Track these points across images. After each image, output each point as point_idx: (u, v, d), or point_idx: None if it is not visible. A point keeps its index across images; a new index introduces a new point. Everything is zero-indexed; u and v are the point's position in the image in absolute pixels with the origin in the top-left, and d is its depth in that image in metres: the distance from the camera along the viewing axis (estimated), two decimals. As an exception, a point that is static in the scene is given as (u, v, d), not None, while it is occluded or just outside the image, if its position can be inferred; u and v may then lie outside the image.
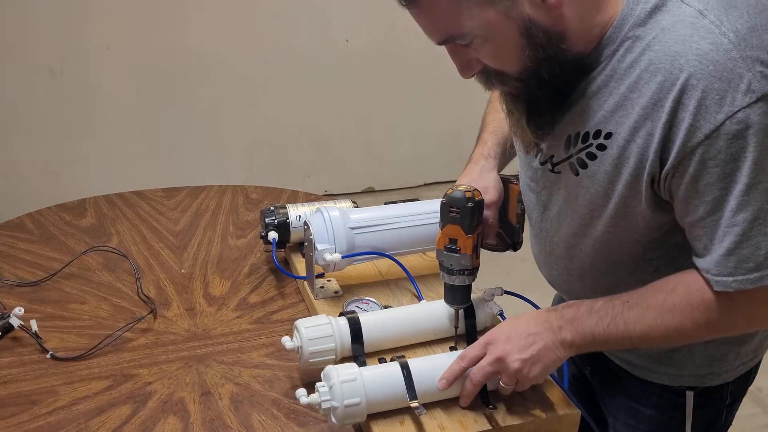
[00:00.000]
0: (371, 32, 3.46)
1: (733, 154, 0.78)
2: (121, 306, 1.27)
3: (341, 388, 0.92)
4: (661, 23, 0.81)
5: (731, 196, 0.80)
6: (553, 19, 0.81)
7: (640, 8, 0.82)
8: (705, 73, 0.76)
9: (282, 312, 1.26)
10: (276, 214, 1.33)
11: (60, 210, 1.61)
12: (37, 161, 3.23)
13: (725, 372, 1.03)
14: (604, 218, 0.92)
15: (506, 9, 0.80)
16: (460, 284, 1.04)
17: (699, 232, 0.85)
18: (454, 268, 1.02)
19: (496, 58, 0.86)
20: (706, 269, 0.85)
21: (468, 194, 1.00)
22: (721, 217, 0.81)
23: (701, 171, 0.80)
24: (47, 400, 1.03)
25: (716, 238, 0.83)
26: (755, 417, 2.28)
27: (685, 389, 1.04)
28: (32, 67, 3.10)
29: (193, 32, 3.24)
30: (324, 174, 3.67)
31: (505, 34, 0.82)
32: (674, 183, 0.83)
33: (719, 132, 0.77)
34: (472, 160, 1.17)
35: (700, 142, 0.78)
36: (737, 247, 0.81)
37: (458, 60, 0.89)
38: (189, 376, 1.09)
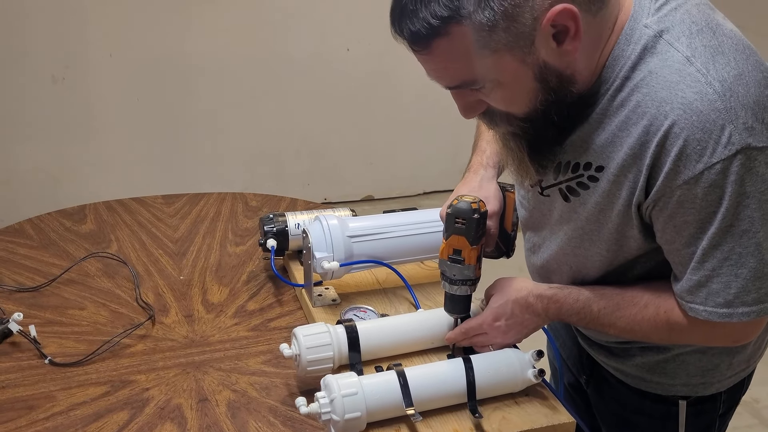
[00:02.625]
0: (372, 41, 3.47)
1: (710, 200, 0.81)
2: (120, 312, 1.27)
3: (342, 402, 0.92)
4: (649, 65, 0.82)
5: (705, 235, 0.83)
6: (566, 63, 0.82)
7: (631, 49, 0.84)
8: (688, 123, 0.79)
9: (280, 319, 1.26)
10: (275, 222, 1.34)
11: (60, 216, 1.61)
12: (38, 167, 3.24)
13: (718, 382, 1.04)
14: (597, 242, 0.95)
15: (523, 55, 0.79)
16: (461, 294, 1.05)
17: (675, 258, 0.89)
18: (457, 278, 1.03)
19: (506, 102, 0.86)
20: (680, 294, 0.89)
21: (474, 205, 1.01)
22: (695, 252, 0.85)
23: (678, 210, 0.83)
24: (45, 406, 1.04)
25: (689, 269, 0.87)
26: (752, 428, 2.28)
27: (678, 399, 1.05)
28: (34, 74, 3.11)
29: (194, 40, 3.25)
30: (323, 182, 3.68)
31: (519, 80, 0.82)
32: (654, 214, 0.87)
33: (698, 180, 0.80)
34: (470, 169, 1.18)
35: (679, 186, 0.82)
36: (708, 281, 0.85)
37: (462, 102, 0.89)
38: (186, 382, 1.10)
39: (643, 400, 1.08)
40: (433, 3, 0.77)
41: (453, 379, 1.00)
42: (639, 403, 1.08)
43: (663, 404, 1.06)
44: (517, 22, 0.76)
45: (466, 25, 0.77)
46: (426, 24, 0.77)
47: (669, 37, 0.82)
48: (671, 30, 0.82)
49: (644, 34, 0.83)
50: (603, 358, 1.11)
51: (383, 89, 3.60)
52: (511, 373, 1.01)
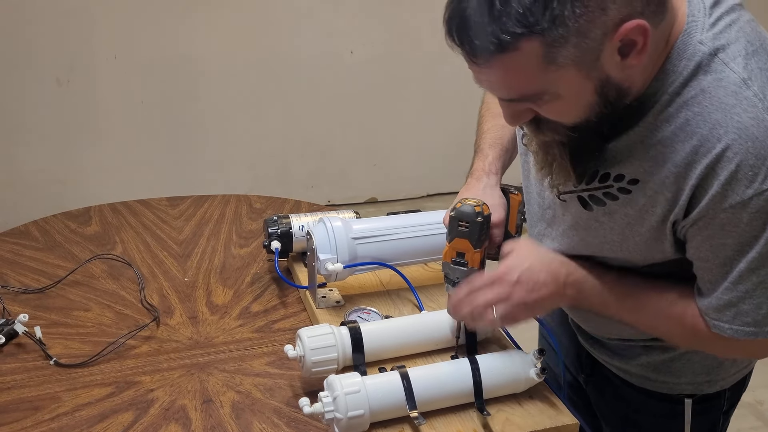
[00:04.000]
0: (376, 44, 3.48)
1: (755, 225, 0.80)
2: (125, 314, 1.28)
3: (345, 399, 0.93)
4: (702, 83, 0.80)
5: (743, 259, 0.83)
6: (627, 76, 0.80)
7: (683, 64, 0.81)
8: (742, 148, 0.78)
9: (284, 321, 1.27)
10: (279, 223, 1.34)
11: (65, 218, 1.62)
12: (43, 170, 3.25)
13: (722, 379, 1.05)
14: (618, 251, 0.94)
15: (588, 70, 0.77)
16: None
17: (705, 275, 0.88)
18: (461, 281, 1.03)
19: (561, 114, 0.83)
20: (705, 311, 0.89)
21: (477, 209, 1.01)
22: (730, 272, 0.84)
23: (719, 231, 0.83)
24: (50, 406, 1.04)
25: (720, 288, 0.86)
26: (757, 430, 2.28)
27: (683, 397, 1.05)
28: (39, 77, 3.12)
29: (199, 43, 3.26)
30: (327, 184, 3.68)
31: (580, 93, 0.79)
32: (691, 232, 0.86)
33: (746, 205, 0.79)
34: (473, 174, 1.17)
35: (725, 209, 0.81)
36: (739, 302, 0.85)
37: (510, 110, 0.86)
38: (191, 383, 1.10)
39: (647, 399, 1.08)
40: (504, 17, 0.72)
41: (456, 379, 1.00)
42: (643, 403, 1.09)
43: (668, 403, 1.06)
44: (588, 38, 0.73)
45: (536, 41, 0.73)
46: (494, 39, 0.73)
47: (724, 56, 0.80)
48: (727, 49, 0.80)
49: (698, 51, 0.81)
50: (606, 357, 1.11)
51: (387, 92, 3.60)
52: (513, 373, 1.01)
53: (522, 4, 0.71)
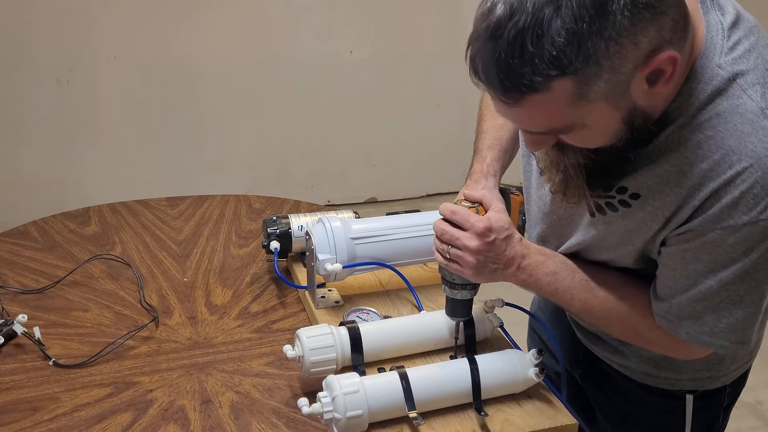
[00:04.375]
0: (375, 44, 3.48)
1: (736, 250, 0.81)
2: (124, 314, 1.28)
3: (344, 400, 0.93)
4: (718, 107, 0.80)
5: (714, 277, 0.84)
6: (654, 103, 0.80)
7: (701, 88, 0.81)
8: (752, 176, 0.78)
9: (283, 321, 1.27)
10: (278, 223, 1.34)
11: (64, 218, 1.62)
12: (42, 170, 3.25)
13: (723, 375, 1.06)
14: (613, 254, 0.95)
15: (617, 100, 0.76)
16: (462, 298, 1.04)
17: (667, 281, 0.89)
18: (457, 283, 1.03)
19: (586, 141, 0.83)
20: (664, 313, 0.91)
21: (473, 210, 1.00)
22: (693, 286, 0.86)
23: (699, 248, 0.84)
24: (49, 407, 1.04)
25: (684, 299, 0.87)
26: (756, 430, 2.27)
27: (685, 393, 1.06)
28: (39, 77, 3.12)
29: (198, 43, 3.26)
30: (327, 184, 3.68)
31: (608, 123, 0.79)
32: (671, 239, 0.87)
33: (736, 230, 0.80)
34: (471, 176, 1.15)
35: (715, 229, 0.81)
36: (702, 314, 0.87)
37: (533, 139, 0.85)
38: (190, 384, 1.10)
39: (648, 395, 1.08)
40: (536, 59, 0.70)
41: (455, 379, 1.00)
42: (644, 399, 1.09)
43: (669, 399, 1.07)
44: (620, 72, 0.73)
45: (568, 81, 0.72)
46: (526, 81, 0.72)
47: (743, 82, 0.80)
48: (746, 75, 0.80)
49: (717, 75, 0.80)
50: (605, 353, 1.11)
51: (386, 92, 3.60)
52: (512, 373, 1.01)
53: (556, 46, 0.69)
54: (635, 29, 0.70)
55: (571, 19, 0.68)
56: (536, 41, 0.70)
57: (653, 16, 0.71)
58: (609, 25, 0.69)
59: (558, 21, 0.69)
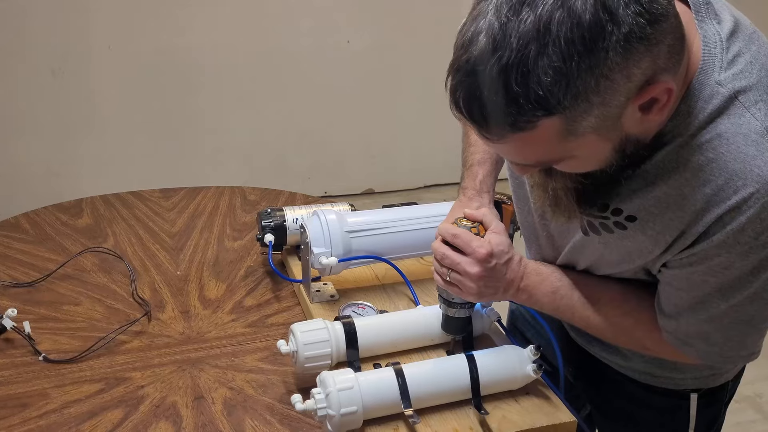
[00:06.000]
0: (372, 34, 3.45)
1: (747, 273, 0.78)
2: (116, 308, 1.25)
3: (338, 396, 0.91)
4: (719, 128, 0.76)
5: (724, 299, 0.82)
6: (647, 130, 0.76)
7: (700, 106, 0.76)
8: (759, 202, 0.74)
9: (277, 316, 1.25)
10: (273, 216, 1.32)
11: (56, 210, 1.60)
12: (36, 161, 3.22)
13: (726, 372, 1.05)
14: (613, 269, 0.94)
15: (608, 132, 0.72)
16: (460, 316, 1.03)
17: (673, 299, 0.87)
18: (456, 302, 1.01)
19: (575, 168, 0.79)
20: (672, 331, 0.89)
21: (474, 231, 0.97)
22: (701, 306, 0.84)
23: (706, 271, 0.81)
24: (38, 403, 1.02)
25: (692, 319, 0.86)
26: (755, 423, 2.27)
27: (689, 392, 1.04)
28: (33, 67, 3.09)
29: (194, 33, 3.23)
30: (324, 176, 3.66)
31: (598, 153, 0.75)
32: (676, 262, 0.83)
33: (744, 255, 0.77)
34: (465, 194, 1.11)
35: (720, 254, 0.78)
36: (712, 334, 0.86)
37: (519, 167, 0.81)
38: (182, 379, 1.08)
39: (651, 395, 1.07)
40: (521, 99, 0.65)
41: (453, 376, 0.98)
42: (646, 398, 1.08)
43: (673, 398, 1.06)
44: (611, 106, 0.68)
45: (556, 119, 0.68)
46: (511, 120, 0.68)
47: (745, 99, 0.75)
48: (748, 92, 0.75)
49: (717, 93, 0.76)
50: (604, 354, 1.09)
51: (384, 82, 3.57)
52: (510, 369, 0.99)
53: (542, 86, 0.64)
54: (628, 63, 0.65)
55: (559, 57, 0.63)
56: (521, 80, 0.65)
57: (647, 48, 0.66)
58: (600, 62, 0.64)
59: (545, 59, 0.64)
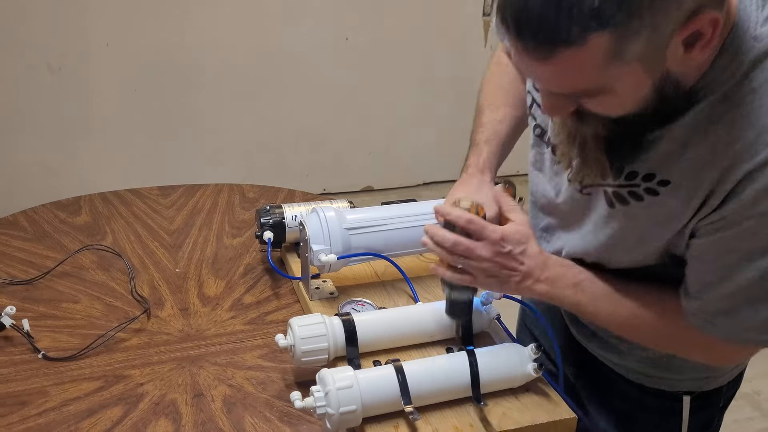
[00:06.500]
0: (371, 31, 3.44)
1: None
2: (115, 305, 1.25)
3: (337, 395, 0.91)
4: (753, 83, 0.75)
5: (752, 267, 0.79)
6: (686, 70, 0.75)
7: (737, 62, 0.76)
8: None
9: (277, 313, 1.25)
10: (271, 213, 1.32)
11: (55, 207, 1.59)
12: (34, 158, 3.21)
13: (721, 376, 1.04)
14: (633, 252, 0.91)
15: (651, 64, 0.71)
16: (463, 299, 1.03)
17: (699, 276, 0.85)
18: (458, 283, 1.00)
19: (610, 108, 0.77)
20: (698, 312, 0.86)
21: (473, 210, 0.97)
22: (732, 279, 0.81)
23: (734, 237, 0.79)
24: (37, 401, 1.02)
25: (718, 292, 0.83)
26: (753, 421, 2.27)
27: (682, 394, 1.04)
28: (30, 63, 3.08)
29: (192, 30, 3.22)
30: (323, 173, 3.65)
31: (637, 89, 0.74)
32: (703, 230, 0.81)
33: None
34: (467, 170, 1.11)
35: (749, 216, 0.77)
36: (740, 308, 0.82)
37: (552, 101, 0.79)
38: (181, 377, 1.08)
39: (645, 396, 1.06)
40: (575, 9, 0.65)
41: (453, 373, 0.98)
42: (641, 399, 1.07)
43: (666, 400, 1.05)
44: (658, 31, 0.67)
45: (606, 36, 0.66)
46: (563, 34, 0.66)
47: None
48: None
49: (753, 48, 0.75)
50: (602, 351, 1.09)
51: (383, 79, 3.57)
52: (511, 368, 0.99)
53: None
54: None
55: None
56: None
57: None
58: None
59: None
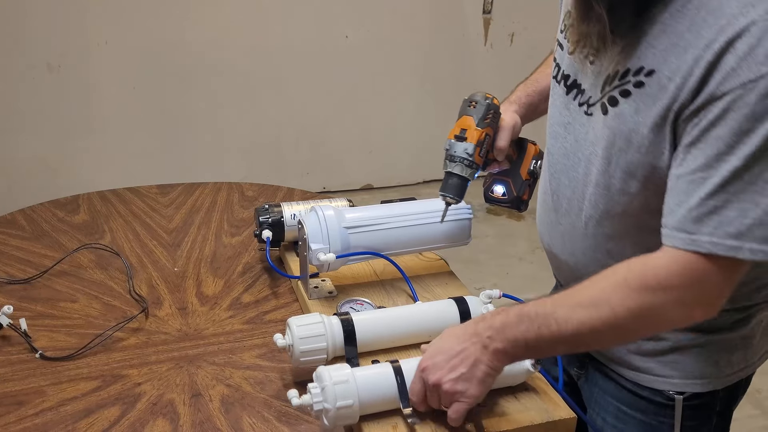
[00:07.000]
0: (371, 28, 3.43)
1: (757, 113, 0.75)
2: (113, 305, 1.25)
3: (333, 389, 0.91)
4: None
5: (735, 155, 0.77)
6: None
7: None
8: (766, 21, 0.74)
9: (275, 312, 1.24)
10: (270, 212, 1.31)
11: (53, 206, 1.59)
12: (33, 157, 3.21)
13: (716, 379, 1.02)
14: (622, 165, 0.89)
15: None
16: (458, 173, 1.10)
17: (681, 186, 0.81)
18: (457, 155, 1.10)
19: None
20: (678, 225, 0.81)
21: (488, 96, 1.12)
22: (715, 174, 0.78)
23: (719, 120, 0.77)
24: (34, 401, 1.02)
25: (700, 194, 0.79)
26: (755, 419, 2.27)
27: (674, 394, 1.03)
28: (30, 62, 3.08)
29: (191, 28, 3.21)
30: (322, 171, 3.65)
31: None
32: (688, 126, 0.81)
33: (756, 84, 0.75)
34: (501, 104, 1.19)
35: (733, 88, 0.76)
36: (725, 206, 0.78)
37: None
38: (179, 377, 1.08)
39: (639, 395, 1.06)
40: None
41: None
42: (634, 398, 1.06)
43: (659, 399, 1.04)
44: None
45: None
46: None
47: None
48: None
49: None
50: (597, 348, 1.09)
51: (383, 77, 3.56)
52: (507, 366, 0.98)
53: None
54: None
55: None
56: None
57: None
58: None
59: None
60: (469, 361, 0.89)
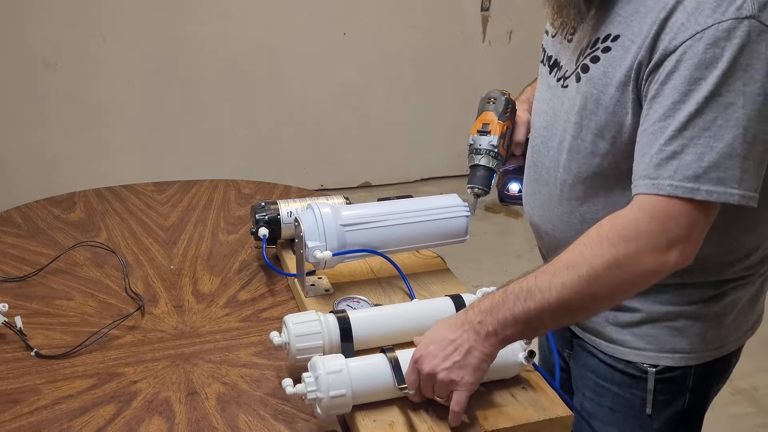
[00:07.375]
0: (369, 25, 3.43)
1: (706, 60, 0.82)
2: (108, 302, 1.24)
3: (327, 379, 0.91)
4: None
5: (689, 102, 0.84)
6: None
7: None
8: None
9: (272, 310, 1.24)
10: (267, 210, 1.31)
11: (49, 204, 1.58)
12: (29, 154, 3.20)
13: (688, 354, 1.04)
14: (592, 127, 0.96)
15: None
16: (484, 164, 1.16)
17: (645, 139, 0.88)
18: (483, 148, 1.16)
19: None
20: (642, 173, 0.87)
21: (505, 92, 1.20)
22: (672, 122, 0.85)
23: (673, 71, 0.85)
24: (29, 399, 1.01)
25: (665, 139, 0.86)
26: (751, 416, 2.27)
27: (648, 367, 1.04)
28: (26, 58, 3.07)
29: (189, 25, 3.21)
30: (320, 168, 3.65)
31: None
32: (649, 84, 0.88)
33: (703, 35, 0.82)
34: None
35: (683, 41, 0.84)
36: (683, 150, 0.84)
37: None
38: (175, 375, 1.07)
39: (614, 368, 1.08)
40: None
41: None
42: (610, 371, 1.08)
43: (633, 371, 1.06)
44: None
45: None
46: None
47: None
48: None
49: None
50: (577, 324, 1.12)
51: (380, 74, 3.56)
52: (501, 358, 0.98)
53: None
54: None
55: None
56: None
57: None
58: None
59: None
60: (463, 349, 0.90)
